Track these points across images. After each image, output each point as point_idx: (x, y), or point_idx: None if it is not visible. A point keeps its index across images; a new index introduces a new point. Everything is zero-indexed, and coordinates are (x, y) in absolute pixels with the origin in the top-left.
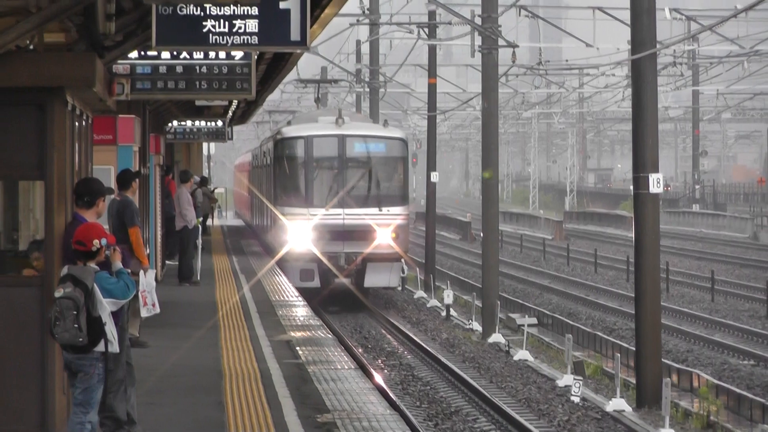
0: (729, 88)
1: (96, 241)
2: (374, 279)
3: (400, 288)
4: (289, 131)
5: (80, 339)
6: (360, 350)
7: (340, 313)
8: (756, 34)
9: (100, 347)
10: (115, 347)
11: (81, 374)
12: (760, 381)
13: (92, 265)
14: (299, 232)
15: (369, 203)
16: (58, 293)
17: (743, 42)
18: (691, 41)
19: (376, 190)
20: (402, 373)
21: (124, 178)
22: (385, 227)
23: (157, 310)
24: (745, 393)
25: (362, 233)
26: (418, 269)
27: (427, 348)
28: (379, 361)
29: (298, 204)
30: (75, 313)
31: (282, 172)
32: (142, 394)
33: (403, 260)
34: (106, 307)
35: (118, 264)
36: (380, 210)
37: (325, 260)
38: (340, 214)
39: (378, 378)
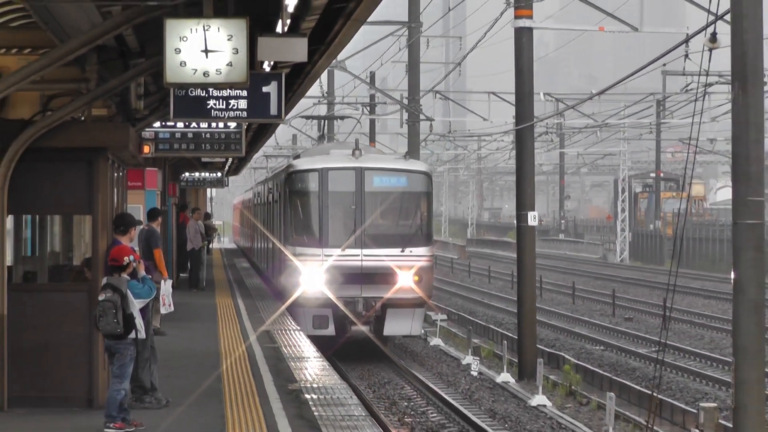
0: (586, 150)
1: (126, 258)
2: (395, 327)
3: (423, 337)
4: (302, 163)
5: (118, 329)
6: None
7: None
8: (606, 111)
9: (132, 335)
10: (142, 334)
11: (118, 355)
12: (608, 361)
13: (125, 275)
14: (312, 274)
15: (390, 243)
16: (101, 297)
17: (597, 117)
18: (558, 116)
19: (398, 229)
20: (350, 355)
21: (153, 214)
22: (407, 270)
23: (172, 308)
24: (597, 369)
25: (382, 276)
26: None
27: (367, 338)
28: (333, 347)
29: (311, 243)
30: (114, 311)
31: (293, 209)
32: (162, 370)
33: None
34: (135, 305)
35: (142, 272)
36: (402, 251)
37: (341, 306)
38: (357, 255)
39: (332, 358)
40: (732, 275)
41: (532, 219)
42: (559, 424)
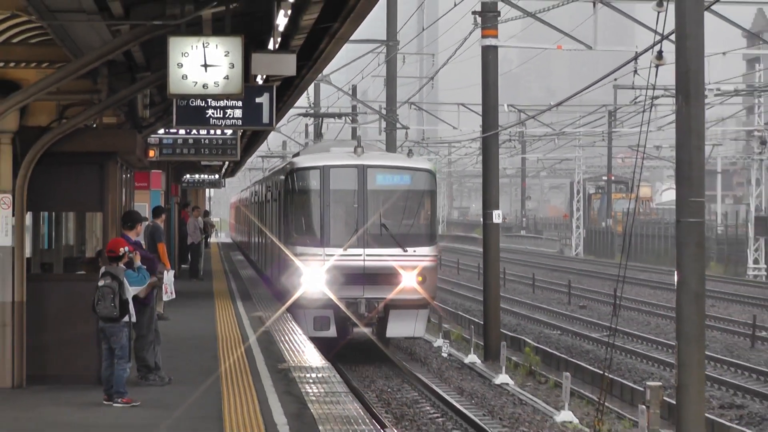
0: (545, 156)
1: (121, 249)
2: (398, 328)
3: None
4: (303, 161)
5: (114, 313)
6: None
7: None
8: (563, 121)
9: (126, 318)
10: (134, 318)
11: (113, 338)
12: (564, 344)
13: (121, 265)
14: (313, 275)
15: (393, 242)
16: (101, 283)
17: (555, 126)
18: (520, 125)
19: (401, 228)
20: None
21: (158, 211)
22: (410, 270)
23: (174, 296)
24: (554, 352)
25: (385, 277)
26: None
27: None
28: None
29: (312, 243)
30: (112, 296)
31: (294, 207)
32: (165, 351)
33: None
34: (131, 292)
35: (137, 262)
36: (405, 250)
37: (342, 307)
38: (360, 255)
39: (318, 343)
40: (675, 269)
41: (497, 217)
42: (520, 400)
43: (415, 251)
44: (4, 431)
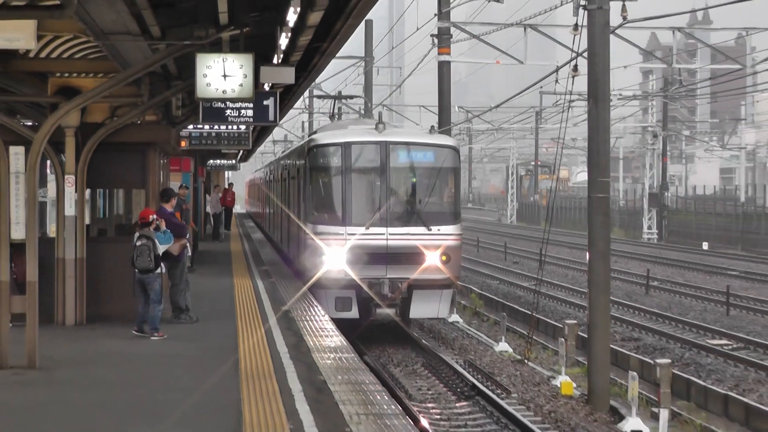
0: (487, 146)
1: (151, 216)
2: (421, 309)
3: (449, 319)
4: (324, 138)
5: (151, 266)
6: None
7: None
8: (501, 119)
9: (158, 270)
10: (164, 270)
11: (149, 286)
12: (503, 292)
13: (151, 229)
14: (334, 254)
15: (416, 221)
16: (139, 243)
17: (494, 123)
18: (468, 122)
19: (425, 206)
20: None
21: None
22: (434, 249)
23: (189, 253)
24: (493, 297)
25: (408, 256)
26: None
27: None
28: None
29: (333, 222)
30: (148, 252)
31: (314, 185)
32: (193, 296)
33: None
34: (161, 249)
35: (162, 226)
36: (429, 229)
37: (365, 287)
38: (382, 234)
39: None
40: (587, 233)
41: None
42: (467, 334)
43: (439, 230)
44: (72, 358)
